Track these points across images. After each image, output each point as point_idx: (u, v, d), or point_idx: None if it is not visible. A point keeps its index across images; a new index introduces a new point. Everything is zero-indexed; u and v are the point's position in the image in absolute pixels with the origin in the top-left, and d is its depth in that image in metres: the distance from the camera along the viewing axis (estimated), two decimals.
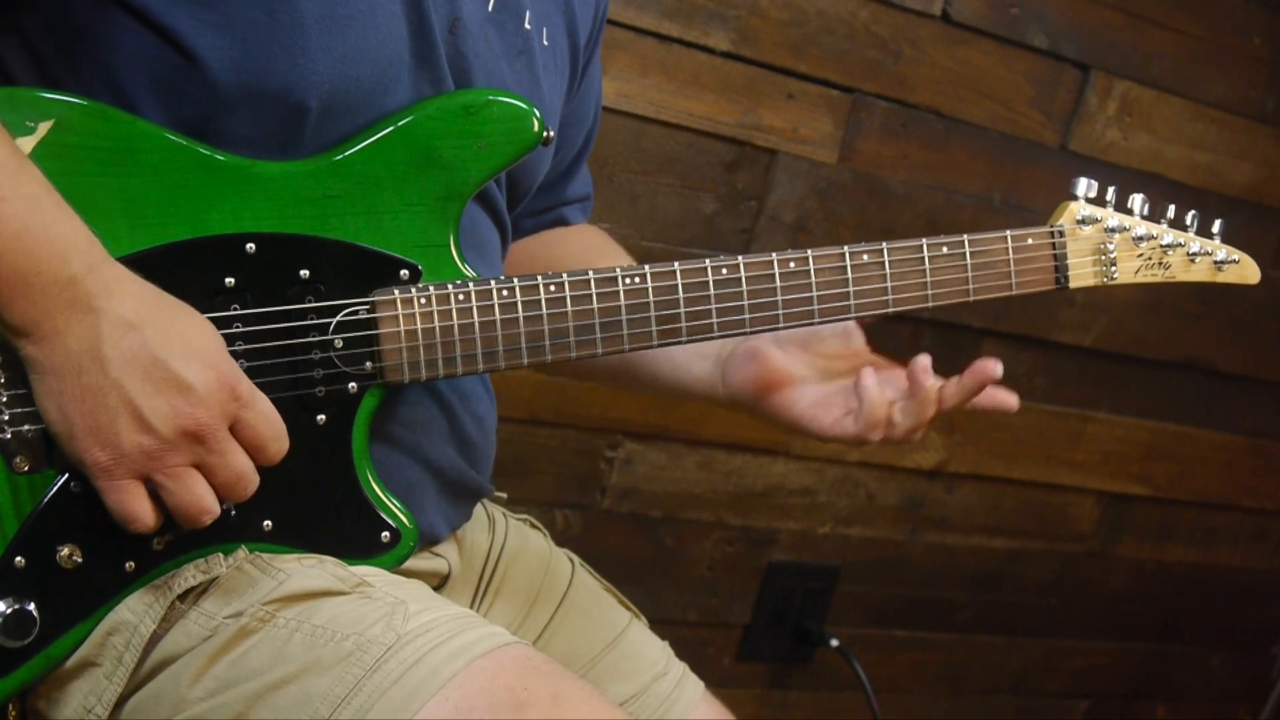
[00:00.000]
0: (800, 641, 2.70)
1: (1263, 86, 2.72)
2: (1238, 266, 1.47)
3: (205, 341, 1.08)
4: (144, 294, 1.06)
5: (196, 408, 1.05)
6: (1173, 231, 1.44)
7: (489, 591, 1.47)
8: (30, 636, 1.10)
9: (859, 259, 1.31)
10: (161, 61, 1.12)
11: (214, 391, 1.06)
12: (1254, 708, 3.35)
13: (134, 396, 1.04)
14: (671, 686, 1.49)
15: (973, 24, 2.41)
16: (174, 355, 1.04)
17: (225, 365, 1.08)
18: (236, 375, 1.08)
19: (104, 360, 1.03)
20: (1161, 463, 2.95)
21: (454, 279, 1.21)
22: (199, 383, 1.05)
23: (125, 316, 1.04)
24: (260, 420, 1.10)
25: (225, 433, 1.08)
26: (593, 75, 1.55)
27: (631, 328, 1.25)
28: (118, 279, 1.05)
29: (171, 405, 1.05)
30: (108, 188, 1.11)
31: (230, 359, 1.09)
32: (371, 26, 1.17)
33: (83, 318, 1.03)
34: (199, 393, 1.05)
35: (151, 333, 1.04)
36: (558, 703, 1.07)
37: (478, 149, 1.21)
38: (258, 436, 1.10)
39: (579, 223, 1.64)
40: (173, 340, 1.05)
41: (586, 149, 1.61)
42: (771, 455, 2.53)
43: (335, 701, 1.05)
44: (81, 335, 1.03)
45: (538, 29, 1.35)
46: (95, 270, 1.04)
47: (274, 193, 1.16)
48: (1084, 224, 1.40)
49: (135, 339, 1.04)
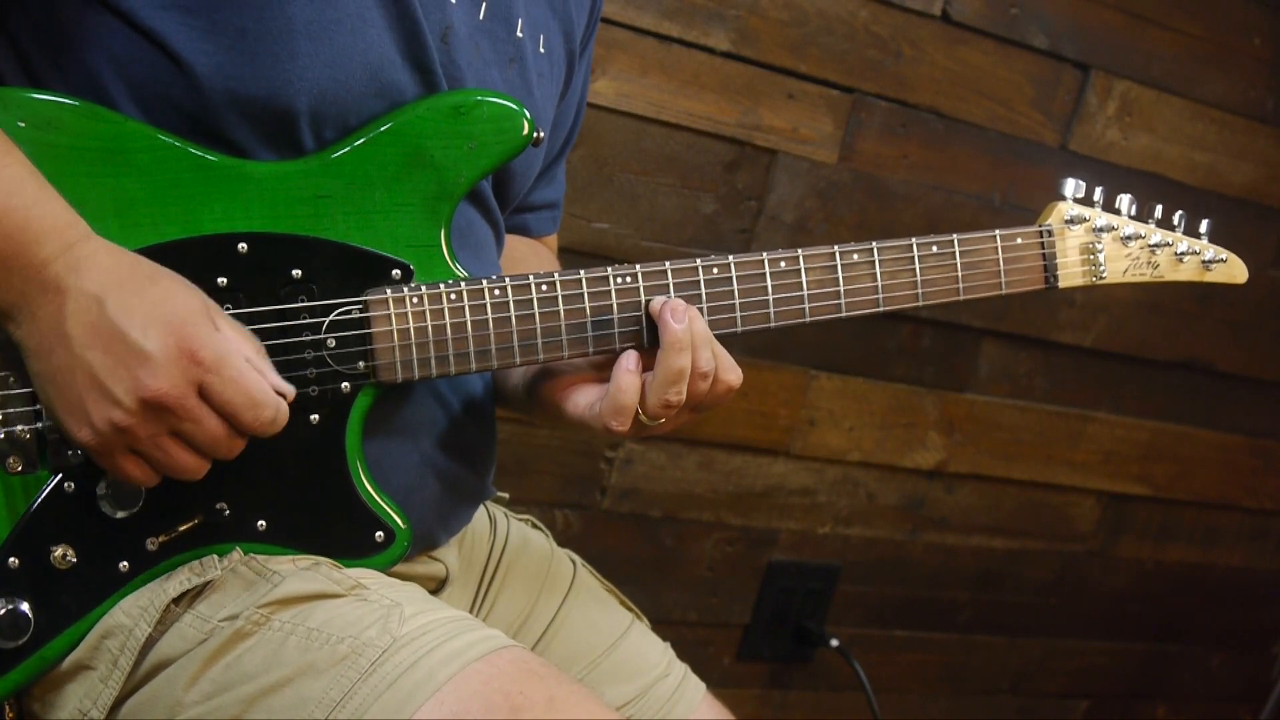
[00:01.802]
0: (800, 641, 2.70)
1: (1263, 86, 2.72)
2: (1225, 266, 1.48)
3: (172, 307, 1.06)
4: (115, 266, 1.06)
5: (155, 377, 1.04)
6: (1160, 231, 1.44)
7: (490, 592, 1.47)
8: (24, 637, 1.11)
9: (849, 258, 1.31)
10: (149, 65, 1.12)
11: (173, 359, 1.05)
12: (1254, 708, 3.35)
13: (97, 371, 1.04)
14: (673, 688, 1.50)
15: (973, 24, 2.41)
16: (134, 325, 1.04)
17: (189, 330, 1.05)
18: (200, 340, 1.06)
19: (68, 338, 1.04)
20: (1161, 463, 2.95)
21: (446, 278, 1.21)
22: (156, 350, 1.04)
23: (89, 291, 1.04)
24: (228, 386, 1.07)
25: (193, 400, 1.06)
26: (580, 77, 1.55)
27: (622, 326, 1.25)
28: (90, 255, 1.05)
29: (132, 376, 1.04)
30: (99, 188, 1.11)
31: (203, 324, 1.07)
32: (359, 32, 1.17)
33: (52, 298, 1.04)
34: (156, 360, 1.04)
35: (114, 303, 1.04)
36: (553, 706, 1.07)
37: (468, 149, 1.21)
38: (227, 402, 1.08)
39: (544, 234, 1.62)
40: (134, 309, 1.04)
41: (564, 152, 1.60)
42: (771, 455, 2.53)
43: (330, 704, 1.05)
44: (49, 315, 1.04)
45: (531, 36, 1.35)
46: (69, 249, 1.04)
47: (266, 193, 1.16)
48: (1072, 224, 1.40)
49: (96, 312, 1.04)
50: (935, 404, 2.64)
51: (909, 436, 2.64)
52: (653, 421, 1.24)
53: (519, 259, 1.55)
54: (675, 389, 1.21)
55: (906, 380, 2.61)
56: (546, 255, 1.60)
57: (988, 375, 2.68)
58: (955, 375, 2.64)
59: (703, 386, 1.23)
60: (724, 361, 1.24)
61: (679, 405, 1.22)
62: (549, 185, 1.60)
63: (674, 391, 1.21)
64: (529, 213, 1.58)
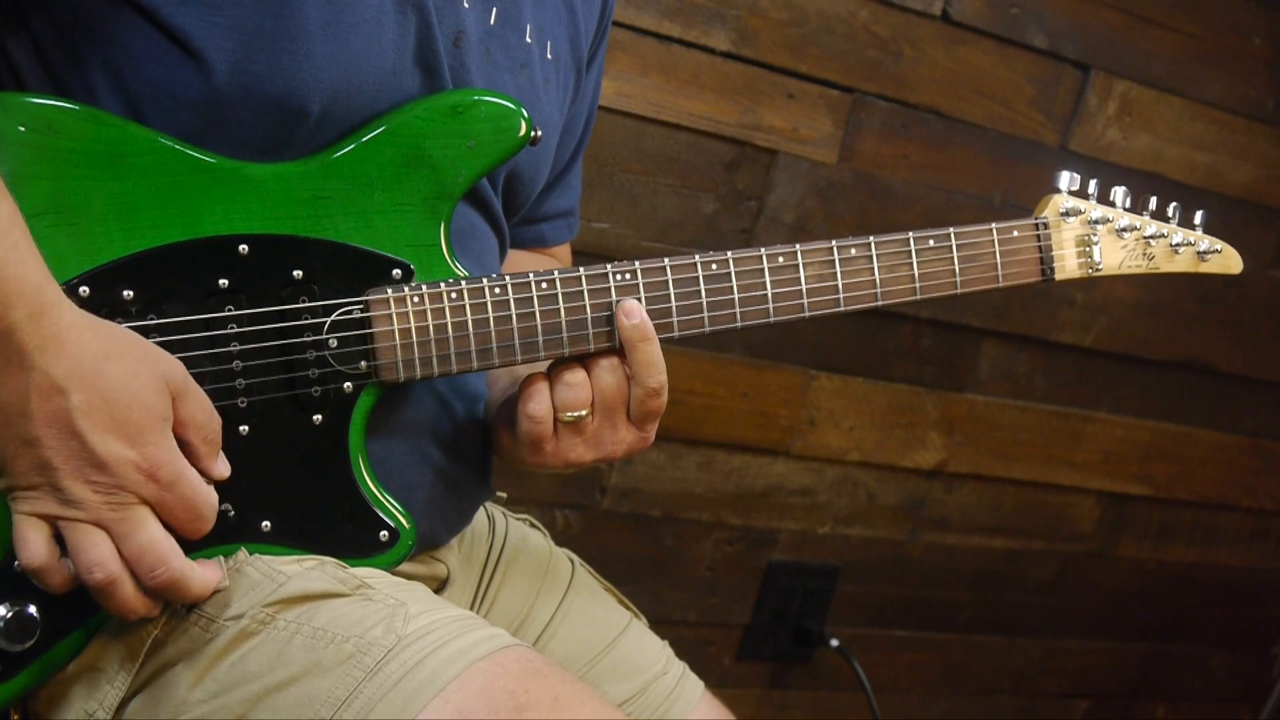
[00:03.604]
0: (800, 641, 2.70)
1: (1263, 86, 2.72)
2: (1220, 256, 1.48)
3: (137, 414, 1.04)
4: (82, 354, 1.03)
5: (110, 482, 1.04)
6: (1156, 223, 1.45)
7: (489, 592, 1.47)
8: (32, 640, 1.10)
9: (847, 253, 1.32)
10: (167, 62, 1.12)
11: (129, 473, 1.04)
12: (1254, 708, 3.35)
13: (50, 458, 1.02)
14: (671, 686, 1.50)
15: (973, 24, 2.41)
16: (95, 429, 1.02)
17: (150, 449, 1.05)
18: (160, 458, 1.05)
19: (29, 416, 1.01)
20: (1161, 463, 2.95)
21: (446, 278, 1.21)
22: (114, 461, 1.03)
23: (54, 379, 1.01)
24: (179, 506, 1.07)
25: (137, 511, 1.06)
26: (591, 84, 1.54)
27: None
28: (57, 334, 1.02)
29: (84, 475, 1.03)
30: (100, 191, 1.11)
31: (163, 435, 1.06)
32: (376, 35, 1.18)
33: (15, 372, 1.01)
34: (113, 471, 1.03)
35: (78, 400, 1.02)
36: (558, 705, 1.07)
37: (467, 148, 1.21)
38: (173, 518, 1.07)
39: (559, 242, 1.62)
40: (97, 412, 1.02)
41: (577, 157, 1.60)
42: (771, 455, 2.53)
43: (336, 704, 1.05)
44: (11, 388, 1.01)
45: (540, 42, 1.35)
46: (36, 320, 1.00)
47: (266, 194, 1.16)
48: (1068, 216, 1.41)
49: (59, 405, 1.01)
50: (935, 404, 2.64)
51: (909, 436, 2.64)
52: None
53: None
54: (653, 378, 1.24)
55: (906, 380, 2.61)
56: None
57: (988, 375, 2.68)
58: (955, 375, 2.65)
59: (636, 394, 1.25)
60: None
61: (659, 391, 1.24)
62: (563, 193, 1.60)
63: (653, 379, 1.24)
64: (544, 222, 1.58)
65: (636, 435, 1.27)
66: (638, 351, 1.23)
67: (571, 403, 1.23)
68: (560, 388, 1.23)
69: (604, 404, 1.25)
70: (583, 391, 1.24)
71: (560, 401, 1.24)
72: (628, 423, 1.26)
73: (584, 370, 1.24)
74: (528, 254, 1.59)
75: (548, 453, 1.26)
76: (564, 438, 1.25)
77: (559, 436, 1.25)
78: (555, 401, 1.24)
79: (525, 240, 1.58)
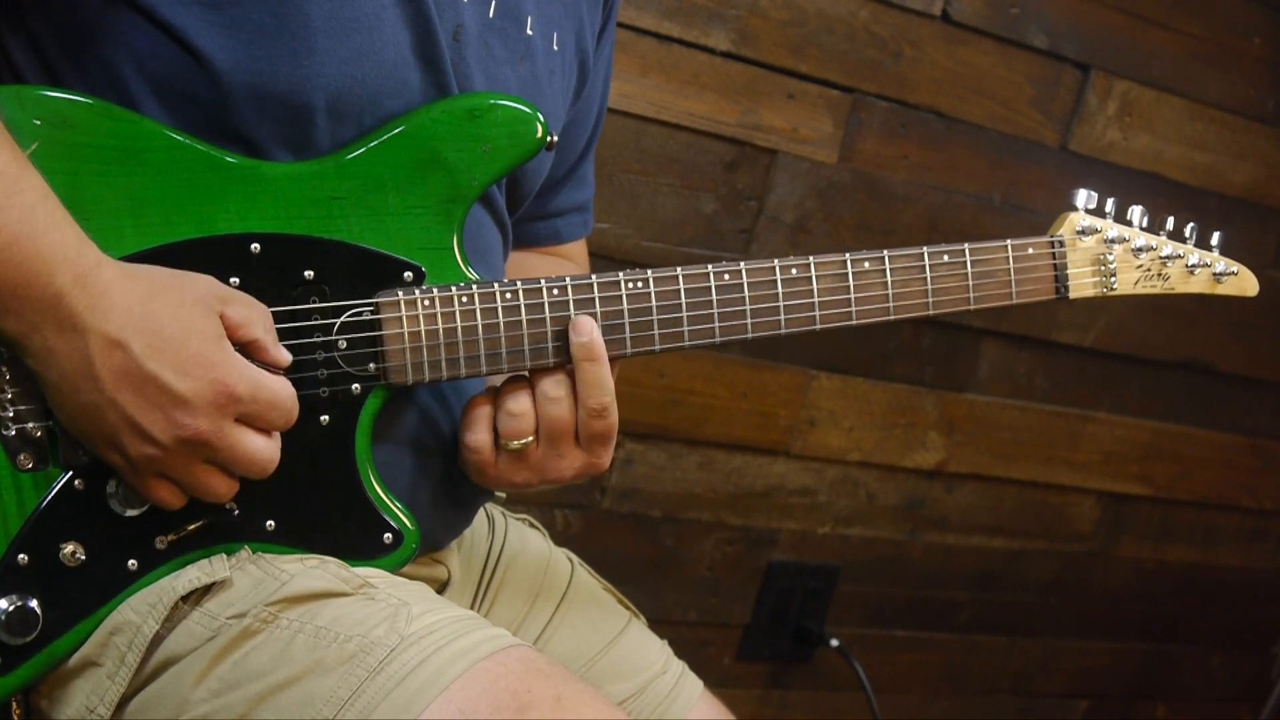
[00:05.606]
0: (800, 641, 2.70)
1: (1263, 86, 2.73)
2: (1236, 279, 1.48)
3: (197, 345, 1.07)
4: (130, 303, 1.05)
5: (194, 418, 1.06)
6: (1172, 243, 1.44)
7: (489, 592, 1.47)
8: (33, 634, 1.11)
9: (860, 266, 1.32)
10: (168, 61, 1.13)
11: (210, 400, 1.07)
12: (1254, 708, 3.35)
13: (131, 413, 1.05)
14: (670, 685, 1.50)
15: (973, 24, 2.41)
16: (165, 368, 1.05)
17: (221, 370, 1.07)
18: (232, 376, 1.08)
19: (97, 379, 1.04)
20: (1161, 463, 2.95)
21: (457, 281, 1.21)
22: (193, 394, 1.06)
23: (110, 335, 1.04)
24: (266, 410, 1.10)
25: (229, 430, 1.09)
26: (599, 76, 1.54)
27: (634, 330, 1.25)
28: (104, 291, 1.04)
29: (168, 418, 1.06)
30: (114, 186, 1.11)
31: (228, 353, 1.08)
32: (376, 30, 1.18)
33: (70, 337, 1.03)
34: (194, 404, 1.06)
35: (139, 348, 1.04)
36: (560, 704, 1.07)
37: (482, 153, 1.21)
38: (267, 424, 1.11)
39: (574, 237, 1.61)
40: (162, 353, 1.05)
41: (589, 151, 1.59)
42: (771, 455, 2.53)
43: (338, 703, 1.05)
44: (71, 355, 1.03)
45: (543, 34, 1.35)
46: (82, 282, 1.03)
47: (280, 193, 1.16)
48: (1084, 235, 1.40)
49: (123, 357, 1.04)
50: (935, 404, 2.64)
51: (909, 436, 2.64)
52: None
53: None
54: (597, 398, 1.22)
55: (906, 380, 2.61)
56: (571, 270, 1.58)
57: (988, 375, 2.68)
58: (955, 375, 2.65)
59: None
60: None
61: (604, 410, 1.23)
62: (577, 187, 1.59)
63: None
64: (558, 217, 1.58)
65: (584, 460, 1.26)
66: (582, 370, 1.22)
67: (514, 432, 1.23)
68: (503, 417, 1.23)
69: (549, 431, 1.24)
70: (525, 421, 1.23)
71: (503, 430, 1.24)
72: (575, 448, 1.25)
73: (529, 398, 1.23)
74: (541, 259, 1.58)
75: (490, 478, 1.27)
76: (505, 464, 1.26)
77: (499, 464, 1.26)
78: (499, 429, 1.24)
79: (540, 237, 1.57)
